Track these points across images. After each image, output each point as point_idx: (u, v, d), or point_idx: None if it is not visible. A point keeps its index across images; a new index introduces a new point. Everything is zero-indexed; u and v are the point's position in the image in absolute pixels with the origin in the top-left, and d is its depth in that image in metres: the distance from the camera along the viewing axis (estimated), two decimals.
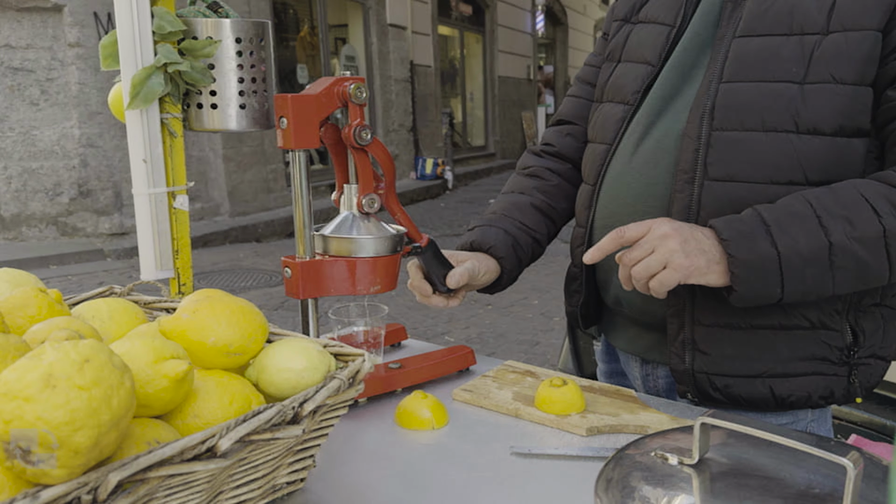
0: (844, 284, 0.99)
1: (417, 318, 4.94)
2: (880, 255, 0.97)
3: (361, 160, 1.13)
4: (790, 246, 0.97)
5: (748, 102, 1.06)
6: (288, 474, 0.83)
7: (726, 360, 1.11)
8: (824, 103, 1.02)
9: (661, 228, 1.00)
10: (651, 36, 1.24)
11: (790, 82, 1.04)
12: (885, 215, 0.97)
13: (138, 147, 1.10)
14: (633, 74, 1.24)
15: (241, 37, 1.14)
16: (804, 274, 0.98)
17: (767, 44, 1.07)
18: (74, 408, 0.57)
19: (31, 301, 0.85)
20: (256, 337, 0.81)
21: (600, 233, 1.20)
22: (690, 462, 0.77)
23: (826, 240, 0.97)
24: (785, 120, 1.04)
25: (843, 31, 1.02)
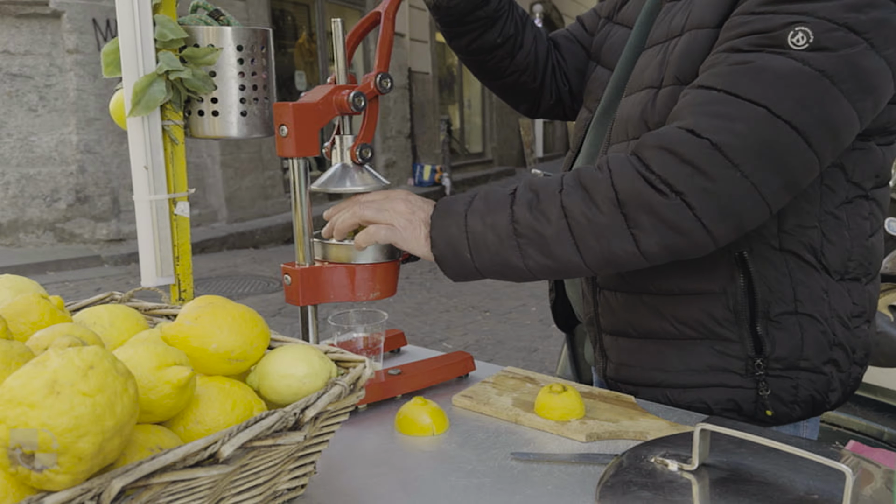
0: (532, 259, 0.97)
1: (415, 325, 4.94)
2: (560, 226, 0.95)
3: (373, 107, 1.13)
4: (477, 214, 0.99)
5: (624, 115, 1.08)
6: (289, 480, 0.83)
7: (626, 368, 1.14)
8: (669, 105, 1.00)
9: (397, 193, 1.07)
10: (619, 40, 1.24)
11: (650, 88, 1.05)
12: (567, 188, 0.95)
13: (140, 154, 1.11)
14: (600, 80, 1.25)
15: (243, 44, 1.15)
16: (487, 240, 0.98)
17: (651, 53, 1.08)
18: (79, 414, 0.57)
19: (34, 307, 0.85)
20: (258, 343, 0.82)
21: None
22: (690, 468, 0.77)
23: (510, 210, 0.97)
24: (640, 127, 1.04)
25: (690, 30, 1.01)
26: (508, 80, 1.36)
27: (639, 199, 0.91)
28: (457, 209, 1.02)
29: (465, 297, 5.64)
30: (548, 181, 0.99)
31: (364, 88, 1.10)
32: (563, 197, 0.95)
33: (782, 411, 1.07)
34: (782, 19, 0.89)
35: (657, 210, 0.90)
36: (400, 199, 1.06)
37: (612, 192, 0.92)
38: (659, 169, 0.90)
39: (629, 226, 0.92)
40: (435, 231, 1.02)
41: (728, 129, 0.88)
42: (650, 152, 0.92)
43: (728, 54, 0.92)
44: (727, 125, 0.88)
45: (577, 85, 1.38)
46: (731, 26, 0.94)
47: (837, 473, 0.67)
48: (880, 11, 0.88)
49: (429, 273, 6.33)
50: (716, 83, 0.91)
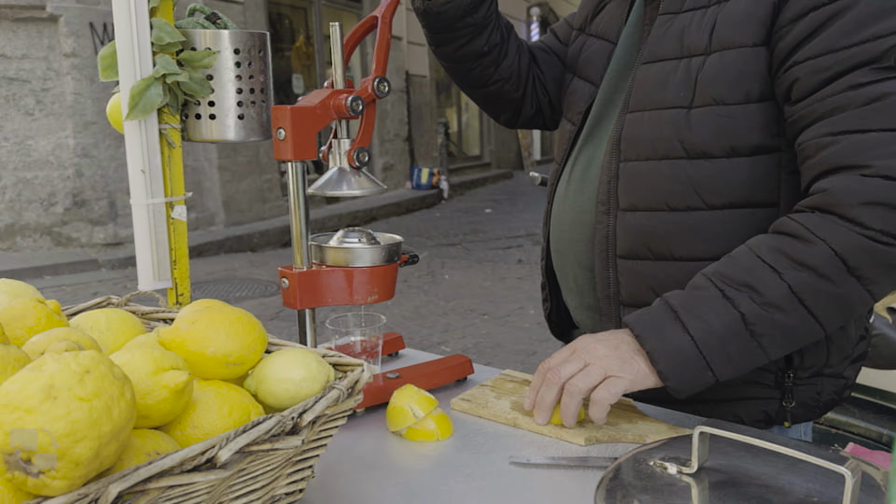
0: (777, 349, 0.95)
1: (413, 328, 4.94)
2: (798, 311, 0.93)
3: (370, 111, 1.13)
4: (702, 328, 0.94)
5: (644, 132, 1.07)
6: (287, 485, 0.83)
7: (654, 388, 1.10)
8: (709, 126, 1.01)
9: (585, 342, 1.00)
10: (596, 53, 1.23)
11: (679, 108, 1.03)
12: (785, 270, 0.92)
13: (137, 157, 1.10)
14: (580, 92, 1.24)
15: (240, 48, 1.15)
16: (726, 351, 0.94)
17: (662, 69, 1.06)
18: (75, 419, 0.57)
19: (30, 312, 0.84)
20: (256, 347, 0.81)
21: (554, 254, 1.27)
22: (689, 471, 0.77)
23: (736, 312, 0.93)
24: (674, 147, 1.03)
25: (720, 50, 1.00)
26: (492, 88, 1.34)
27: (869, 259, 0.90)
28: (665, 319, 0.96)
29: (464, 300, 5.64)
30: (746, 267, 0.94)
31: (361, 92, 1.11)
32: (788, 282, 0.92)
33: (803, 416, 1.10)
34: (882, 44, 0.90)
35: (889, 262, 0.90)
36: (592, 342, 0.99)
37: (838, 262, 0.91)
38: (877, 224, 0.89)
39: (863, 285, 0.92)
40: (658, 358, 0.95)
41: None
42: (858, 210, 0.90)
43: (852, 92, 0.92)
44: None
45: (556, 95, 1.37)
46: (821, 68, 0.93)
47: (837, 476, 0.67)
48: None
49: (427, 276, 6.33)
50: (866, 125, 0.91)
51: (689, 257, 1.05)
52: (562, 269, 1.26)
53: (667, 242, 1.06)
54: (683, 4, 1.07)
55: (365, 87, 1.11)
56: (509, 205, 11.22)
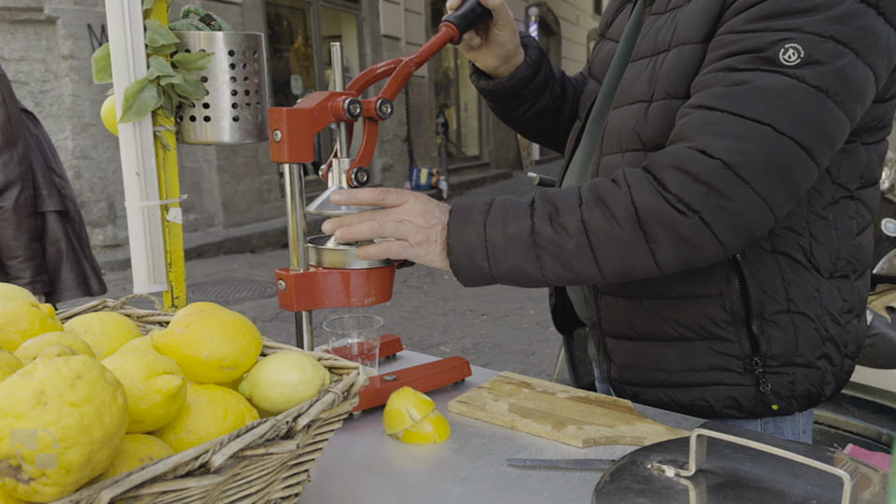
0: (550, 270, 0.99)
1: (413, 329, 4.93)
2: (580, 241, 0.97)
3: (371, 132, 1.12)
4: (496, 223, 1.00)
5: (616, 127, 1.11)
6: (282, 489, 0.82)
7: (629, 369, 1.17)
8: (662, 119, 1.04)
9: (415, 205, 1.04)
10: (606, 53, 1.28)
11: (641, 102, 1.07)
12: (586, 202, 0.97)
13: (131, 160, 1.10)
14: (590, 91, 1.30)
15: (234, 49, 1.14)
16: (507, 250, 0.99)
17: (640, 66, 1.10)
18: (66, 425, 0.57)
19: (23, 316, 0.84)
20: (250, 351, 0.81)
21: None
22: (687, 474, 0.77)
23: (530, 221, 0.99)
24: (634, 139, 1.07)
25: (678, 46, 1.03)
26: (560, 132, 1.42)
27: (658, 216, 0.94)
28: (474, 216, 1.02)
29: (463, 300, 5.64)
30: (565, 193, 1.00)
31: (364, 112, 1.11)
32: (583, 211, 0.97)
33: (781, 406, 1.11)
34: (772, 36, 0.92)
35: (675, 227, 0.93)
36: (418, 210, 1.05)
37: (632, 209, 0.95)
38: (675, 188, 0.93)
39: (648, 241, 0.95)
40: (452, 238, 1.02)
41: (737, 149, 0.91)
42: (666, 171, 0.94)
43: (724, 73, 0.95)
44: (736, 144, 0.92)
45: None
46: (721, 45, 0.97)
47: (835, 478, 0.66)
48: (863, 20, 0.91)
49: (426, 277, 6.33)
50: (718, 104, 0.94)
51: None
52: None
53: None
54: (668, 4, 1.10)
55: (368, 108, 1.10)
56: None
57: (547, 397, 1.15)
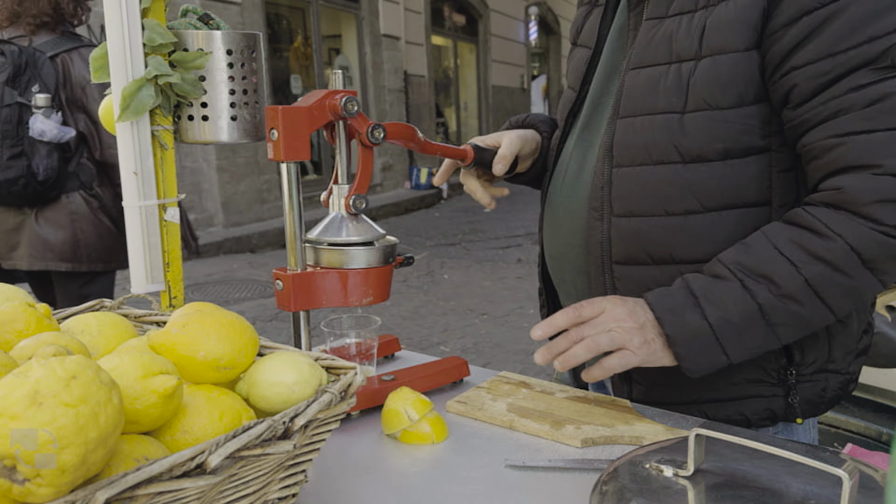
0: (790, 335, 0.99)
1: (413, 329, 4.93)
2: (813, 302, 0.96)
3: (366, 158, 1.13)
4: (720, 317, 0.97)
5: (637, 138, 1.07)
6: (279, 490, 0.82)
7: (658, 389, 1.13)
8: (703, 130, 1.02)
9: (616, 310, 1.01)
10: (579, 60, 1.26)
11: (671, 113, 1.04)
12: (802, 264, 0.95)
13: (129, 159, 1.09)
14: (566, 99, 1.27)
15: (233, 49, 1.14)
16: (742, 338, 0.98)
17: (652, 74, 1.07)
18: (61, 425, 0.56)
19: (20, 316, 0.84)
20: (247, 351, 0.81)
21: (550, 259, 1.28)
22: (685, 474, 0.76)
23: (754, 302, 0.96)
24: (669, 151, 1.04)
25: (711, 55, 1.01)
26: None
27: (883, 253, 0.94)
28: (685, 307, 0.99)
29: (463, 300, 5.63)
30: (765, 258, 0.97)
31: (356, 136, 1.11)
32: (805, 274, 0.95)
33: (809, 412, 1.11)
34: (876, 46, 0.92)
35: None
36: (623, 313, 1.01)
37: (853, 256, 0.94)
38: (891, 220, 0.92)
39: (876, 275, 0.95)
40: (669, 328, 0.99)
41: None
42: (872, 208, 0.93)
43: (852, 95, 0.94)
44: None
45: None
46: (818, 74, 0.95)
47: (835, 478, 0.66)
48: None
49: (426, 276, 6.33)
50: (873, 124, 0.93)
51: (688, 260, 1.06)
52: (558, 273, 1.27)
53: (666, 247, 1.07)
54: (669, 9, 1.07)
55: (360, 135, 1.11)
56: (508, 204, 11.21)
57: (545, 397, 1.15)
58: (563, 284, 1.26)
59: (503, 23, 16.28)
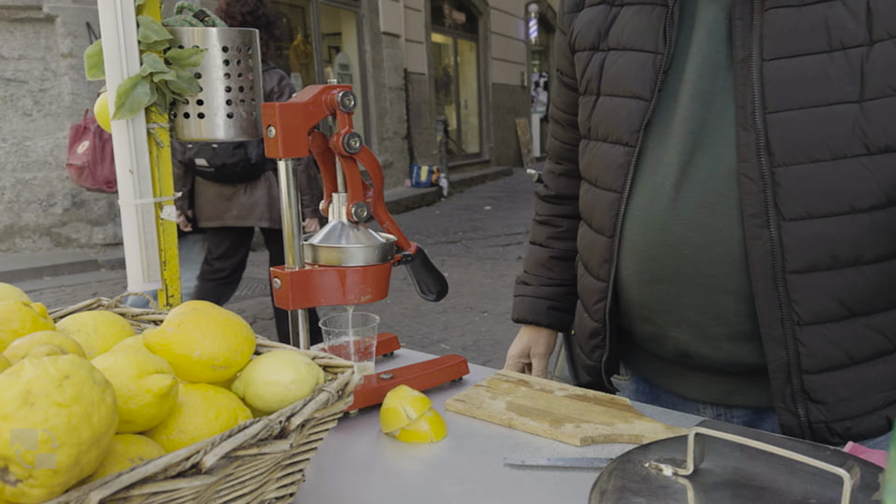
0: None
1: (413, 327, 4.92)
2: None
3: (350, 168, 1.12)
4: None
5: (807, 132, 0.97)
6: (276, 489, 0.82)
7: (844, 403, 1.03)
8: (890, 118, 0.94)
9: None
10: (633, 66, 1.10)
11: (847, 102, 0.95)
12: None
13: (124, 157, 1.09)
14: (625, 111, 1.11)
15: (228, 45, 1.13)
16: None
17: (808, 64, 0.97)
18: (53, 425, 0.56)
19: (15, 315, 0.83)
20: (243, 350, 0.80)
21: (637, 287, 1.11)
22: (685, 472, 0.76)
23: None
24: (852, 143, 0.95)
25: (889, 38, 0.94)
26: None
27: None
28: None
29: (463, 298, 5.63)
30: None
31: (333, 148, 1.11)
32: None
33: None
34: None
35: None
36: None
37: None
38: None
39: None
40: None
41: None
42: None
43: None
44: None
45: None
46: None
47: (835, 477, 0.65)
48: None
49: None
50: None
51: (874, 259, 0.99)
52: (664, 302, 1.10)
53: (855, 247, 0.98)
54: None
55: (336, 143, 1.10)
56: (509, 202, 11.20)
57: (544, 395, 1.14)
58: (676, 312, 1.09)
59: (503, 20, 16.26)
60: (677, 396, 1.19)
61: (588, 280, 1.21)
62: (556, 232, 1.41)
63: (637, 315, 1.14)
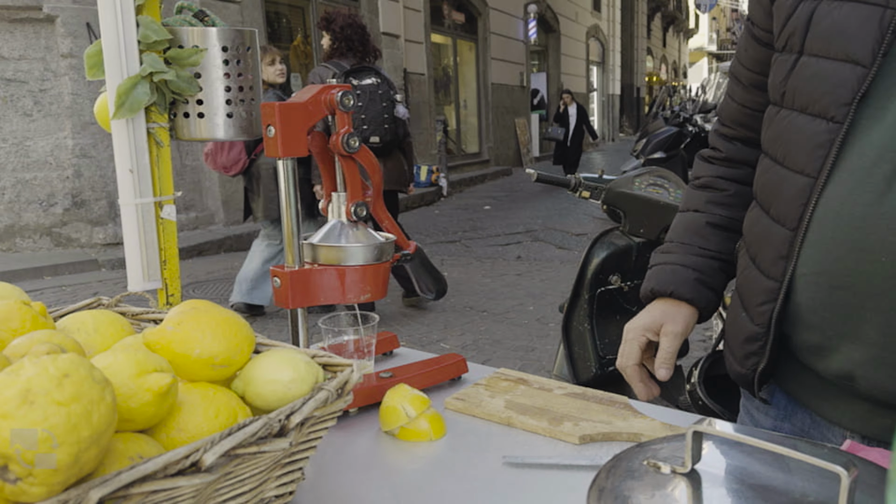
0: None
1: (413, 326, 4.93)
2: None
3: (349, 168, 1.12)
4: None
5: None
6: (276, 487, 0.82)
7: None
8: None
9: None
10: (853, 20, 0.88)
11: None
12: None
13: (125, 157, 1.09)
14: (834, 78, 0.89)
15: (228, 45, 1.13)
16: None
17: None
18: (53, 424, 0.56)
19: (15, 314, 0.83)
20: (242, 348, 0.80)
21: (812, 290, 0.92)
22: (683, 470, 0.76)
23: None
24: None
25: None
26: None
27: None
28: None
29: (463, 297, 5.63)
30: None
31: (332, 147, 1.11)
32: None
33: None
34: None
35: None
36: None
37: None
38: None
39: None
40: None
41: None
42: None
43: None
44: None
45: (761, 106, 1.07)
46: None
47: (833, 475, 0.66)
48: None
49: None
50: None
51: None
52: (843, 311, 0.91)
53: None
54: None
55: (335, 143, 1.10)
56: (508, 201, 11.20)
57: (543, 394, 1.15)
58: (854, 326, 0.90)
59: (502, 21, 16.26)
60: (822, 420, 1.01)
61: (754, 275, 1.00)
62: (719, 196, 1.14)
63: (803, 321, 0.95)
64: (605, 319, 2.34)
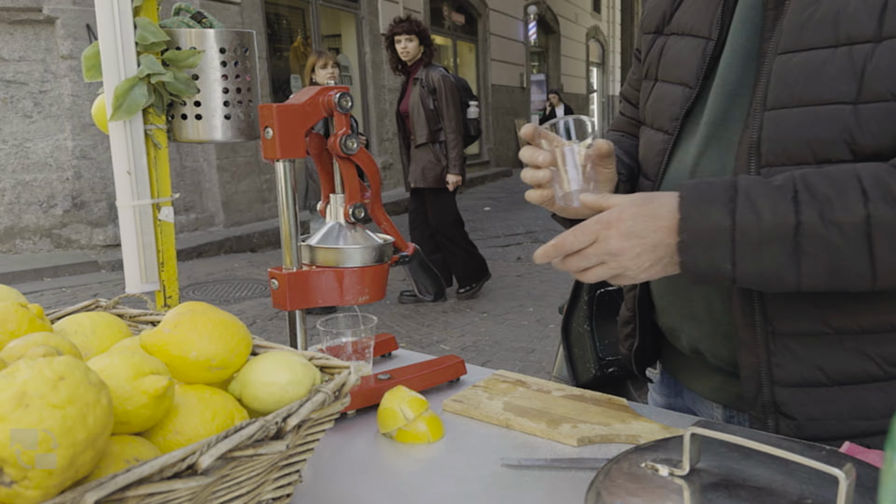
0: (812, 276, 0.84)
1: (412, 327, 4.92)
2: (859, 243, 0.81)
3: (347, 169, 1.12)
4: (749, 219, 0.84)
5: (794, 132, 0.91)
6: (273, 490, 0.82)
7: (814, 423, 0.97)
8: (883, 125, 0.86)
9: (609, 244, 0.89)
10: (686, 51, 1.07)
11: (841, 104, 0.88)
12: (875, 199, 0.81)
13: (122, 159, 1.09)
14: (671, 98, 1.08)
15: (226, 47, 1.13)
16: (760, 252, 0.84)
17: (811, 59, 0.90)
18: (48, 427, 0.56)
19: (11, 316, 0.83)
20: (239, 351, 0.80)
21: (663, 279, 1.01)
22: (681, 473, 0.76)
23: (794, 218, 0.83)
24: (839, 149, 0.88)
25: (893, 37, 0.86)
26: None
27: None
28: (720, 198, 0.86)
29: (462, 298, 5.63)
30: (835, 182, 0.83)
31: (330, 149, 1.11)
32: (870, 209, 0.81)
33: None
34: None
35: None
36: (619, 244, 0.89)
37: None
38: None
39: None
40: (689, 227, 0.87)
41: None
42: None
43: None
44: None
45: None
46: None
47: (831, 477, 0.65)
48: None
49: None
50: None
51: None
52: (683, 294, 1.08)
53: None
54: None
55: (333, 145, 1.10)
56: (508, 203, 11.20)
57: (542, 396, 1.15)
58: (688, 306, 1.08)
59: (502, 22, 16.27)
60: (696, 394, 1.15)
61: None
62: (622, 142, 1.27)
63: (657, 306, 1.15)
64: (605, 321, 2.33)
